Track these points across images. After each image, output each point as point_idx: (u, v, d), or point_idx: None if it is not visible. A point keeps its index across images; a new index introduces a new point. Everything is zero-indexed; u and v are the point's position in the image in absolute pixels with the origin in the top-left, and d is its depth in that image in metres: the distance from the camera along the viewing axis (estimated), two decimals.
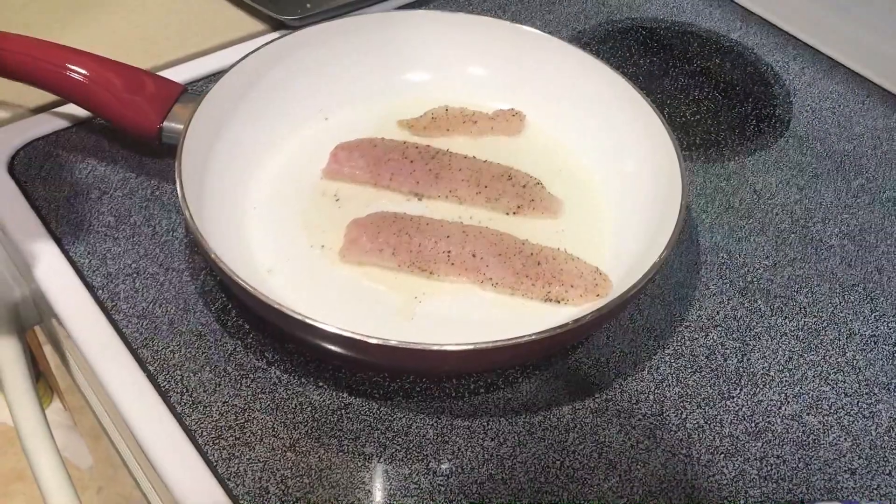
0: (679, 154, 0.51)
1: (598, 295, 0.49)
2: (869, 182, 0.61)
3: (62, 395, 1.17)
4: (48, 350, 0.87)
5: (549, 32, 0.60)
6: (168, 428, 0.43)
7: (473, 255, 0.50)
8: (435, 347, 0.41)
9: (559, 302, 0.49)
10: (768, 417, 0.46)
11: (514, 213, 0.54)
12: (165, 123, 0.52)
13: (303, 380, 0.45)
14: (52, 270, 0.49)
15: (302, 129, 0.58)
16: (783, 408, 0.47)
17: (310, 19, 0.66)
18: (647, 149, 0.54)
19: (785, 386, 0.48)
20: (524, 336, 0.41)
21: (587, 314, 0.42)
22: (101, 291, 0.48)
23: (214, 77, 0.55)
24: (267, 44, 0.56)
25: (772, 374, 0.48)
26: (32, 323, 0.58)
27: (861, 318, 0.52)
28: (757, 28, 0.75)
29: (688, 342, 0.49)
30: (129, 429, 0.43)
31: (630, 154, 0.56)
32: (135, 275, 0.49)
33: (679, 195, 0.49)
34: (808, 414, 0.47)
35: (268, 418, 0.44)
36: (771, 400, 0.47)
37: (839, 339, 0.51)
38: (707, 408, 0.46)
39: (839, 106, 0.67)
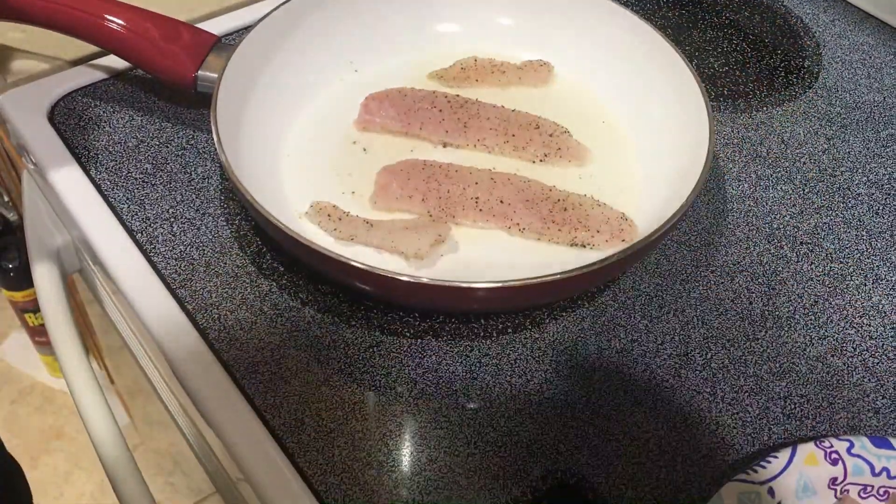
0: (707, 103, 0.51)
1: (623, 240, 0.49)
2: None
3: (98, 354, 1.20)
4: (88, 302, 0.89)
5: None
6: (207, 363, 0.44)
7: (501, 202, 0.51)
8: (464, 285, 0.42)
9: (585, 246, 0.50)
10: (793, 358, 0.47)
11: (542, 161, 0.55)
12: (200, 72, 0.53)
13: (336, 319, 0.47)
14: (94, 215, 0.51)
15: (332, 80, 0.59)
16: (808, 349, 0.47)
17: None
18: (674, 98, 0.54)
19: (810, 329, 0.48)
20: (552, 274, 0.42)
21: (612, 255, 0.43)
22: (140, 235, 0.50)
23: (247, 29, 0.55)
24: None
25: (797, 317, 0.49)
26: (72, 270, 0.60)
27: (888, 264, 0.52)
28: None
29: (713, 286, 0.50)
30: (170, 364, 0.45)
31: (658, 103, 0.56)
32: (172, 219, 0.51)
33: (706, 142, 0.49)
34: (832, 356, 0.47)
35: (302, 355, 0.45)
36: (796, 342, 0.48)
37: (865, 285, 0.51)
38: (732, 349, 0.47)
39: (869, 57, 0.67)
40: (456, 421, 0.43)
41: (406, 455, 0.41)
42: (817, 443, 0.41)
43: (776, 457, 0.41)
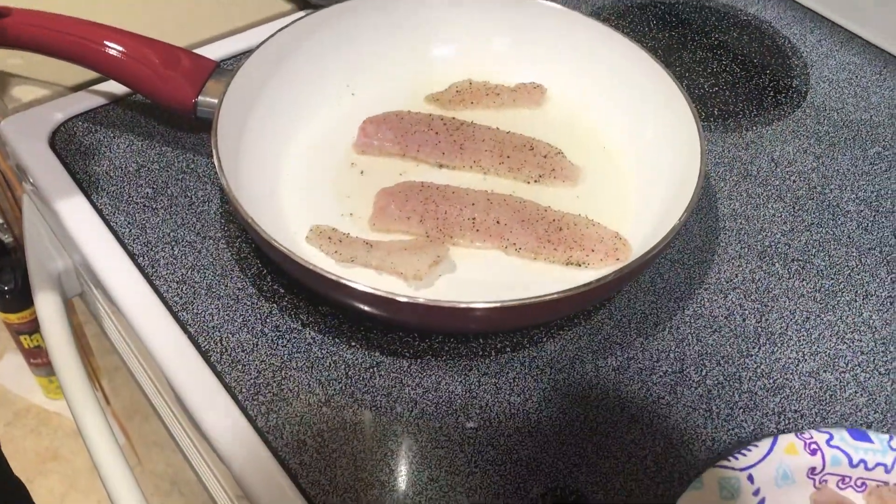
0: (698, 123, 0.52)
1: (617, 259, 0.50)
2: (885, 150, 0.62)
3: (95, 376, 1.20)
4: (87, 325, 0.89)
5: (570, 7, 0.61)
6: (209, 385, 0.45)
7: (498, 222, 0.52)
8: (463, 305, 0.42)
9: (580, 265, 0.51)
10: (786, 374, 0.48)
11: (536, 182, 0.56)
12: (200, 98, 0.54)
13: (336, 340, 0.47)
14: (95, 239, 0.51)
15: (330, 104, 0.60)
16: (801, 365, 0.48)
17: None
18: (666, 119, 0.56)
19: (803, 345, 0.49)
20: (549, 294, 0.42)
21: (608, 274, 0.44)
22: (141, 259, 0.51)
23: (246, 54, 0.56)
24: (295, 21, 0.58)
25: (790, 333, 0.50)
26: (73, 293, 0.61)
27: (877, 280, 0.53)
28: (774, 2, 0.76)
29: (707, 304, 0.51)
30: (172, 387, 0.45)
31: (649, 124, 0.57)
32: (173, 243, 0.51)
33: (698, 163, 0.50)
34: (825, 371, 0.48)
35: (303, 376, 0.46)
36: (789, 358, 0.48)
37: (856, 301, 0.52)
38: (726, 365, 0.48)
39: (856, 77, 0.68)
40: (456, 440, 0.43)
41: (407, 475, 0.42)
42: (798, 434, 0.43)
43: (757, 446, 0.42)
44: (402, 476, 0.42)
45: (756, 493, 0.41)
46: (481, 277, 0.50)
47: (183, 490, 1.22)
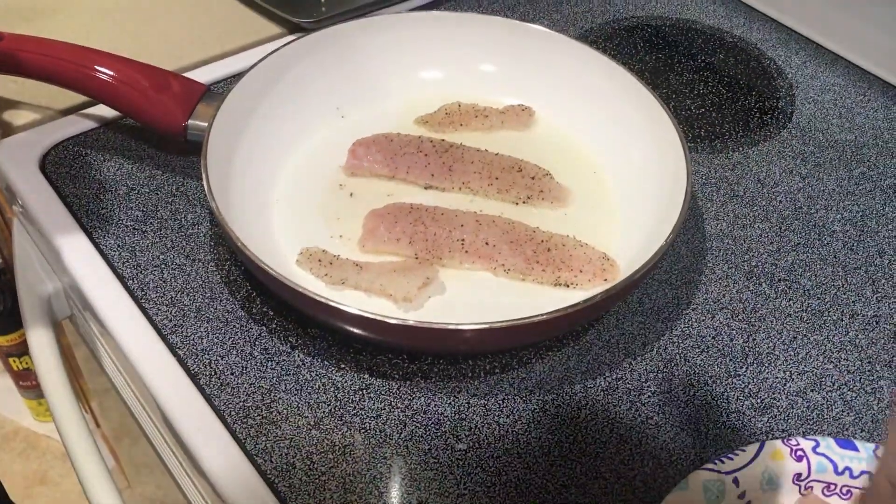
0: (684, 144, 0.53)
1: (605, 279, 0.51)
2: (870, 170, 0.63)
3: (84, 398, 1.19)
4: (77, 346, 0.89)
5: (557, 30, 0.62)
6: (198, 408, 0.45)
7: (486, 243, 0.52)
8: (452, 327, 0.43)
9: (568, 286, 0.51)
10: (773, 394, 0.48)
11: (525, 203, 0.56)
12: (190, 121, 0.54)
13: (325, 362, 0.47)
14: (85, 263, 0.51)
15: (320, 127, 0.60)
16: (788, 385, 0.48)
17: (325, 22, 0.68)
18: (652, 140, 0.56)
19: (790, 364, 0.50)
20: (537, 315, 0.43)
21: (596, 295, 0.44)
22: (131, 282, 0.51)
23: (235, 78, 0.57)
24: (285, 45, 0.59)
25: (777, 353, 0.50)
26: (63, 316, 0.60)
27: (863, 299, 0.54)
28: (760, 24, 0.77)
29: (695, 324, 0.51)
30: (161, 411, 0.45)
31: (636, 146, 0.58)
32: (163, 266, 0.52)
33: (684, 184, 0.51)
34: (812, 390, 0.48)
35: (292, 398, 0.46)
36: (776, 378, 0.49)
37: (842, 320, 0.52)
38: (714, 385, 0.48)
39: (840, 98, 0.69)
40: (445, 462, 0.44)
41: (396, 498, 0.42)
42: (784, 440, 0.43)
43: (744, 450, 0.43)
44: (392, 499, 0.42)
45: (741, 496, 0.42)
46: (470, 299, 0.50)
47: None
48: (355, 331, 0.45)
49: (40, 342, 0.54)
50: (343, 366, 0.47)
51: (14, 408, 1.43)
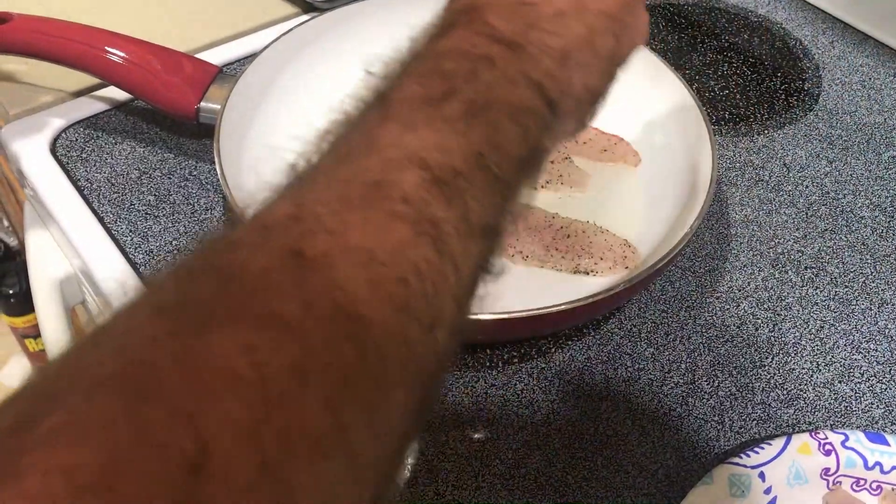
0: (709, 128, 0.51)
1: (626, 267, 0.49)
2: None
3: None
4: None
5: None
6: None
7: None
8: (469, 316, 0.42)
9: (588, 274, 0.50)
10: (800, 385, 0.47)
11: (543, 188, 0.55)
12: (203, 104, 0.53)
13: None
14: (97, 248, 0.51)
15: (335, 109, 0.59)
16: (815, 376, 0.47)
17: (339, 1, 0.67)
18: (676, 123, 0.55)
19: (817, 355, 0.48)
20: (556, 305, 0.42)
21: (618, 284, 0.43)
22: (143, 268, 0.50)
23: (248, 59, 0.56)
24: (298, 25, 0.57)
25: (803, 343, 0.49)
26: (75, 301, 0.60)
27: (893, 287, 0.52)
28: (785, 3, 0.75)
29: (719, 313, 0.50)
30: None
31: (659, 128, 0.56)
32: (175, 252, 0.51)
33: (709, 168, 0.49)
34: (839, 382, 0.47)
35: None
36: (803, 368, 0.47)
37: (871, 309, 0.51)
38: (739, 376, 0.47)
39: (869, 79, 0.67)
40: (463, 453, 0.43)
41: (413, 490, 0.41)
42: (812, 434, 0.42)
43: (770, 444, 0.42)
44: (408, 492, 0.41)
45: (767, 491, 0.41)
46: (488, 286, 0.49)
47: None
48: None
49: (51, 326, 0.53)
50: None
51: None
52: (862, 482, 0.42)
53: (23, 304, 1.21)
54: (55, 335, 0.54)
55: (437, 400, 0.44)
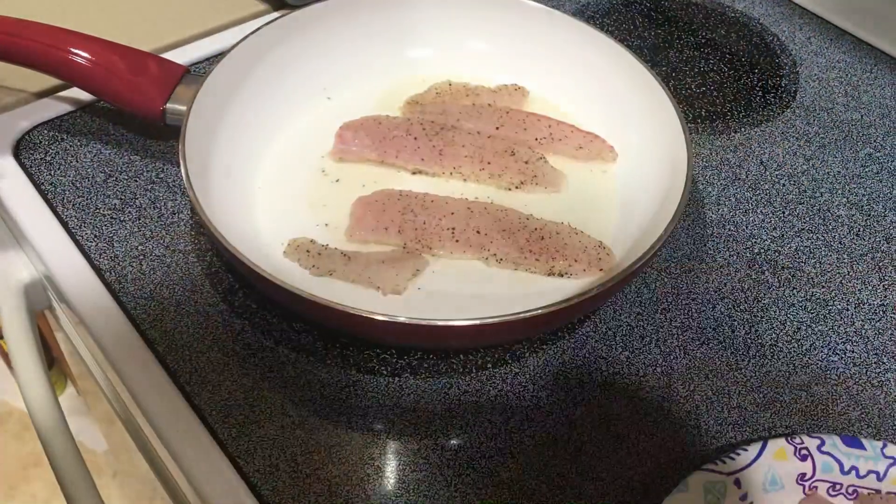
0: (685, 126, 0.51)
1: (601, 269, 0.49)
2: (877, 151, 0.61)
3: (75, 381, 1.18)
4: (60, 336, 0.87)
5: (553, 6, 0.59)
6: (177, 407, 0.43)
7: (478, 232, 0.50)
8: (441, 323, 0.41)
9: (562, 276, 0.49)
10: (777, 388, 0.46)
11: (518, 188, 0.54)
12: (169, 105, 0.52)
13: (310, 358, 0.46)
14: (60, 254, 0.49)
15: (305, 109, 0.58)
16: (791, 378, 0.47)
17: None
18: (651, 122, 0.54)
19: (793, 357, 0.48)
20: (530, 311, 0.41)
21: (592, 288, 0.42)
22: (108, 274, 0.49)
23: (216, 58, 0.54)
24: (268, 23, 0.56)
25: (780, 345, 0.48)
26: (41, 307, 0.58)
27: (869, 287, 0.52)
28: None
29: (695, 315, 0.49)
30: (140, 409, 0.43)
31: (634, 127, 0.55)
32: (141, 257, 0.50)
33: (684, 168, 0.49)
34: (816, 384, 0.47)
35: (276, 396, 0.44)
36: (779, 371, 0.47)
37: (848, 309, 0.50)
38: (715, 379, 0.46)
39: (846, 75, 0.67)
40: (435, 462, 0.42)
41: (384, 500, 0.40)
42: (788, 439, 0.42)
43: (745, 449, 0.41)
44: (380, 502, 0.40)
45: (743, 497, 0.40)
46: (461, 289, 0.48)
47: (163, 495, 1.20)
48: (341, 326, 0.43)
49: (14, 332, 0.52)
50: (329, 362, 0.45)
51: (7, 389, 1.42)
52: (838, 487, 0.41)
53: None
54: (19, 339, 0.53)
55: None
